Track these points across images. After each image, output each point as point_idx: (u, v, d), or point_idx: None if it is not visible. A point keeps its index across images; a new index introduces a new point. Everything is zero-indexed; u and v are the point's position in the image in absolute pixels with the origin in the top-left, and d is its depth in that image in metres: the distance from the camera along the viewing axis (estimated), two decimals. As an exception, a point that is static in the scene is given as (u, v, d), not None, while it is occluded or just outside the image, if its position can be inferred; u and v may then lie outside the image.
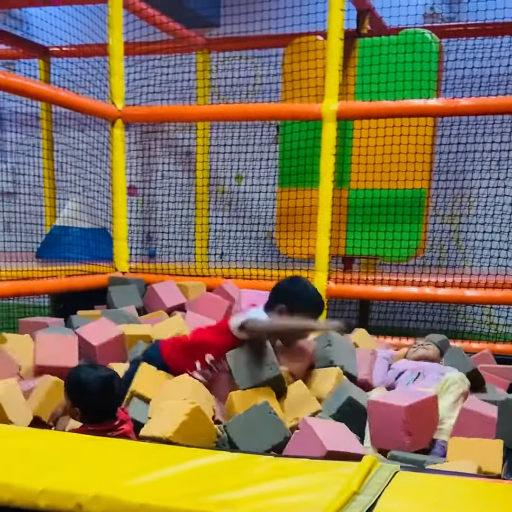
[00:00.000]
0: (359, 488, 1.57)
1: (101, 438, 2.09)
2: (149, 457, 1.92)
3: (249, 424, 2.32)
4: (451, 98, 4.30)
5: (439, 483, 1.71)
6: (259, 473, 1.78)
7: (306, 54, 4.84)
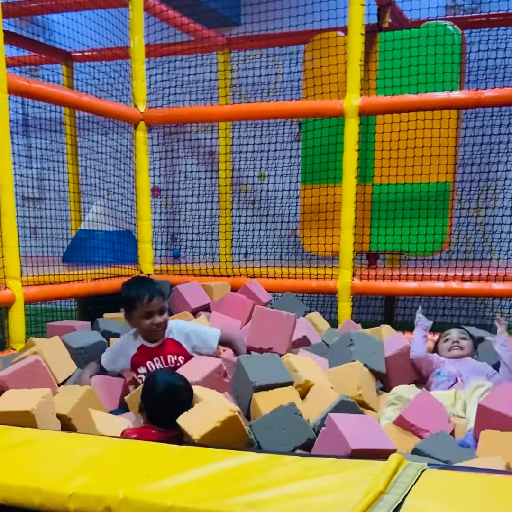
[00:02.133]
0: (386, 487, 1.55)
1: (126, 441, 2.10)
2: (176, 459, 1.93)
3: (275, 425, 2.31)
4: (475, 89, 4.23)
5: (467, 481, 1.68)
6: (286, 473, 1.78)
7: (327, 50, 4.80)
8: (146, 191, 4.91)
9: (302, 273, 4.59)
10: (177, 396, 2.39)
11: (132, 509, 1.62)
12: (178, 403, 2.35)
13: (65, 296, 4.48)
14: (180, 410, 2.28)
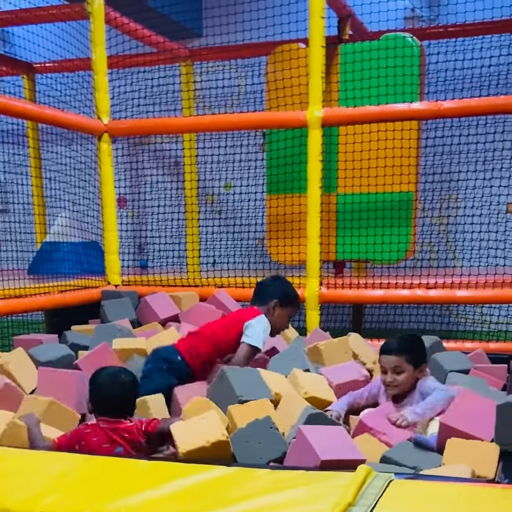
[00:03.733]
0: (354, 499, 1.58)
1: (95, 458, 2.10)
2: (145, 475, 1.92)
3: (251, 438, 2.34)
4: (434, 101, 4.32)
5: (434, 490, 1.71)
6: (256, 486, 1.79)
7: (289, 62, 4.86)
8: (112, 202, 4.89)
9: (270, 282, 4.61)
10: (118, 382, 2.53)
11: (100, 528, 1.62)
12: (120, 388, 2.51)
13: (31, 309, 4.43)
14: (122, 397, 2.50)
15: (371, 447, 2.39)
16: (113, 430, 2.43)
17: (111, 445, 2.39)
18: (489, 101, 4.23)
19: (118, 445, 2.40)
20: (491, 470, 2.08)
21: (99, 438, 2.41)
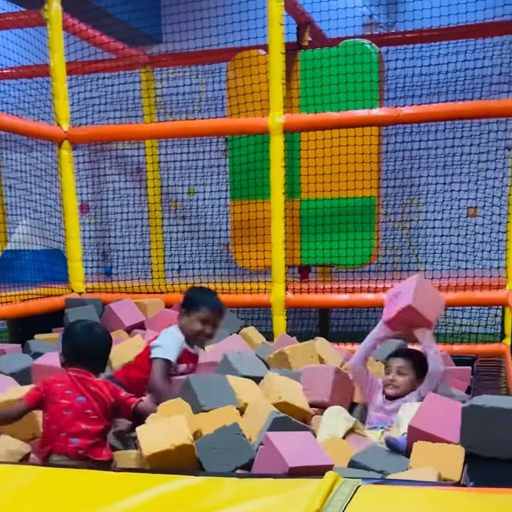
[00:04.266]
0: (322, 506, 1.58)
1: (61, 470, 2.06)
2: (112, 486, 1.90)
3: (218, 445, 2.33)
4: (394, 107, 4.38)
5: (401, 495, 1.73)
6: (225, 496, 1.79)
7: (249, 68, 4.87)
8: (74, 209, 4.84)
9: (236, 288, 4.63)
10: (93, 333, 2.55)
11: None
12: (94, 340, 2.53)
13: (-8, 318, 4.37)
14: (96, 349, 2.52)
15: (340, 451, 2.40)
16: (80, 380, 2.40)
17: (74, 393, 2.35)
18: (448, 107, 4.28)
19: (81, 394, 2.35)
20: (457, 472, 2.11)
21: (64, 384, 2.37)
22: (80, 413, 2.31)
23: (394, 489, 1.80)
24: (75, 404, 2.32)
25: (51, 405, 2.33)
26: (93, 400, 2.36)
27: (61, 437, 2.28)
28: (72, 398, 2.33)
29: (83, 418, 2.31)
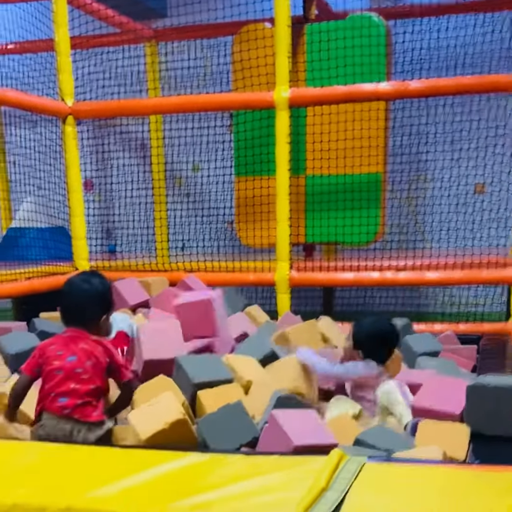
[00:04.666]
0: (328, 483, 1.58)
1: (69, 447, 2.07)
2: (119, 463, 1.91)
3: (221, 423, 2.33)
4: (401, 81, 4.32)
5: (406, 473, 1.72)
6: (230, 473, 1.78)
7: (255, 42, 4.81)
8: (78, 186, 4.81)
9: (240, 266, 4.60)
10: (78, 289, 2.42)
11: (75, 517, 1.60)
12: (77, 296, 2.41)
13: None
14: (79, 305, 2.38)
15: (347, 429, 2.39)
16: (73, 339, 2.34)
17: (65, 353, 2.30)
18: (456, 81, 4.22)
19: (72, 353, 2.30)
20: (462, 451, 2.10)
21: (56, 346, 2.33)
22: (70, 372, 2.26)
23: (400, 467, 1.79)
24: (66, 364, 2.27)
25: (45, 367, 2.29)
26: (85, 359, 2.30)
27: (51, 396, 2.25)
28: (63, 359, 2.28)
29: (73, 377, 2.26)
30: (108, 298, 2.50)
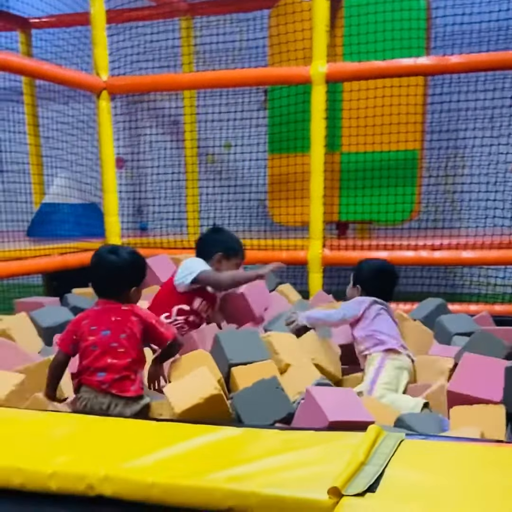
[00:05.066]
0: (366, 458, 1.56)
1: (103, 419, 2.08)
2: (154, 435, 1.92)
3: (256, 398, 2.31)
4: (441, 55, 4.21)
5: (444, 450, 1.70)
6: (265, 447, 1.78)
7: (292, 16, 4.74)
8: (111, 163, 4.81)
9: (272, 244, 4.57)
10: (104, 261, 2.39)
11: (114, 486, 1.61)
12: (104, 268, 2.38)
13: (33, 271, 4.41)
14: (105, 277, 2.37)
15: (381, 411, 2.36)
16: (105, 312, 2.32)
17: (99, 327, 2.29)
18: (497, 56, 4.09)
19: (106, 327, 2.28)
20: (501, 432, 2.06)
21: (89, 321, 2.31)
22: (106, 347, 2.25)
23: (438, 444, 1.76)
24: (101, 338, 2.26)
25: (81, 343, 2.29)
26: (119, 332, 2.28)
27: (89, 371, 2.25)
28: (98, 333, 2.27)
29: (109, 352, 2.25)
30: (137, 269, 2.45)
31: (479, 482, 1.50)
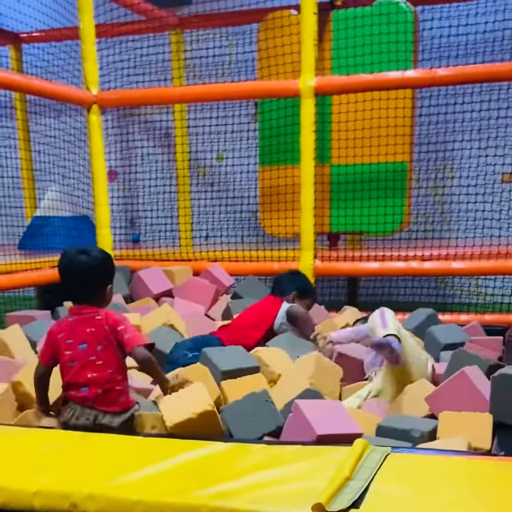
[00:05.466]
0: (351, 473, 1.57)
1: (90, 435, 2.07)
2: (142, 451, 1.92)
3: (246, 411, 2.33)
4: (429, 68, 4.24)
5: (430, 464, 1.71)
6: (253, 462, 1.79)
7: (281, 29, 4.76)
8: (103, 176, 4.82)
9: (264, 255, 4.59)
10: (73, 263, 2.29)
11: (98, 504, 1.62)
12: (74, 271, 2.27)
13: (23, 285, 4.41)
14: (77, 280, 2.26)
15: (368, 421, 2.37)
16: (78, 323, 2.24)
17: (75, 341, 2.22)
18: (485, 68, 4.14)
19: (81, 341, 2.22)
20: (487, 441, 2.07)
21: (65, 334, 2.24)
22: (85, 361, 2.20)
23: (424, 457, 1.78)
24: (78, 353, 2.21)
25: (59, 358, 2.25)
26: (95, 344, 2.21)
27: (72, 387, 2.22)
28: (74, 347, 2.22)
29: (88, 366, 2.20)
30: (109, 266, 2.36)
31: (464, 497, 1.51)
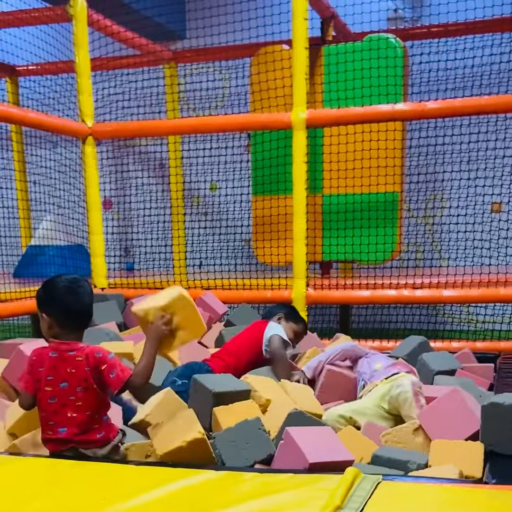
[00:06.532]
0: (342, 502, 1.58)
1: (82, 463, 2.07)
2: (133, 480, 1.91)
3: (238, 438, 2.33)
4: (418, 101, 4.34)
5: (421, 492, 1.72)
6: (245, 491, 1.79)
7: (273, 64, 4.86)
8: (97, 206, 4.87)
9: (257, 283, 4.63)
10: (78, 290, 2.21)
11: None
12: (81, 299, 2.21)
13: (17, 313, 4.42)
14: (85, 310, 2.21)
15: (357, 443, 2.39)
16: (60, 360, 2.16)
17: (55, 378, 2.15)
18: (473, 102, 4.24)
19: (62, 379, 2.14)
20: (478, 469, 2.09)
21: (45, 369, 2.17)
22: (65, 400, 2.15)
23: (415, 485, 1.78)
24: (59, 390, 2.15)
25: (38, 391, 2.18)
26: (75, 384, 2.14)
27: (50, 425, 2.17)
28: (55, 385, 2.16)
29: (68, 405, 2.15)
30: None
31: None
